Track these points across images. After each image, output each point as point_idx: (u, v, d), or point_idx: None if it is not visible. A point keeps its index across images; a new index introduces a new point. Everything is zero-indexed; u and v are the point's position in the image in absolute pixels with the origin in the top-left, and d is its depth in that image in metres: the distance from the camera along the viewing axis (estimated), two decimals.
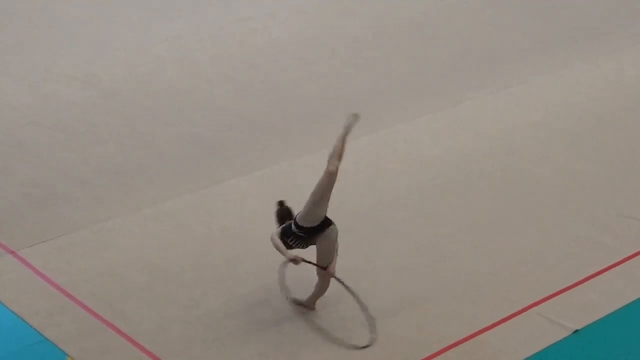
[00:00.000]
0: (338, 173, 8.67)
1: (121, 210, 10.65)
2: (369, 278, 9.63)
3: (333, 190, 8.89)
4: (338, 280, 8.83)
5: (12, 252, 9.88)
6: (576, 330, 8.92)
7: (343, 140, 8.72)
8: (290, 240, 8.83)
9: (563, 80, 13.80)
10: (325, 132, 12.06)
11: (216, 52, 14.23)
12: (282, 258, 8.88)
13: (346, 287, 8.86)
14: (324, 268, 8.82)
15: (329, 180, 8.67)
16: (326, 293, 9.09)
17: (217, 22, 15.32)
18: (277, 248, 8.73)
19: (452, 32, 15.34)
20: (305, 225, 8.75)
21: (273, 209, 9.14)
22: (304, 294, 9.20)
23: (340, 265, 9.03)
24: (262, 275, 9.62)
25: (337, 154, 8.69)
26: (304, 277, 9.20)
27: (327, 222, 8.85)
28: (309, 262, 8.81)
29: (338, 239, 8.93)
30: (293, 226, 8.82)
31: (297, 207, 8.91)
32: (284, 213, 9.10)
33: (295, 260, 8.69)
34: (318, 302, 9.15)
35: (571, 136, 12.36)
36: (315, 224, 8.75)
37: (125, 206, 10.73)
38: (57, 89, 13.15)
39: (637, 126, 12.63)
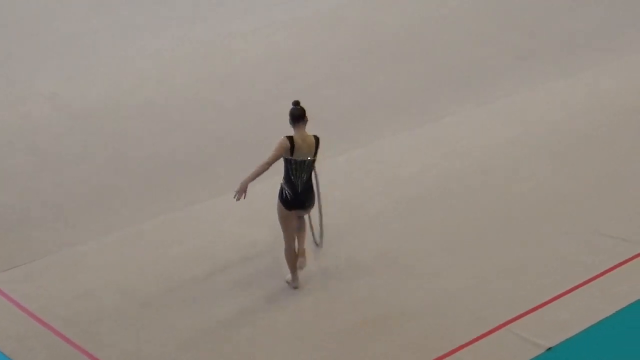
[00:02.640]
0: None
1: (95, 233, 10.60)
2: (345, 291, 9.62)
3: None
4: None
5: None
6: (549, 348, 8.87)
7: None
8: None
9: (542, 95, 13.79)
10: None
11: (192, 71, 14.21)
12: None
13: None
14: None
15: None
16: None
17: (193, 41, 15.29)
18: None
19: (430, 47, 15.33)
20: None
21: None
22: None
23: (317, 284, 8.95)
24: (237, 295, 9.59)
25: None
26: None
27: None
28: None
29: None
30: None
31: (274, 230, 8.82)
32: (298, 112, 9.52)
33: (239, 192, 9.31)
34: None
35: (550, 152, 12.32)
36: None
37: (99, 229, 10.69)
38: (32, 110, 13.13)
39: (615, 142, 12.58)
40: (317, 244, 10.15)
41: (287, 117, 9.64)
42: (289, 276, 9.80)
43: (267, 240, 10.53)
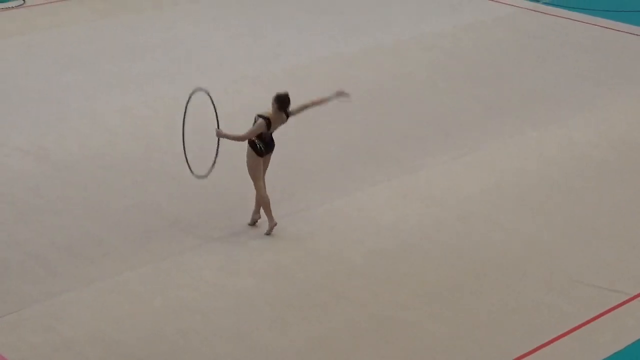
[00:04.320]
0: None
1: (76, 284, 10.59)
2: (323, 345, 9.65)
3: (288, 261, 10.47)
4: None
5: None
6: None
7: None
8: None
9: (514, 147, 14.01)
10: (278, 203, 12.14)
11: (169, 122, 14.28)
12: None
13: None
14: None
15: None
16: None
17: (170, 93, 15.38)
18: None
19: (404, 100, 15.55)
20: None
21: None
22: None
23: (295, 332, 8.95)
24: (217, 346, 9.60)
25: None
26: None
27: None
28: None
29: None
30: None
31: (256, 278, 8.88)
32: (287, 100, 11.48)
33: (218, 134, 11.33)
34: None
35: (524, 201, 12.50)
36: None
37: (80, 279, 10.67)
38: (9, 162, 13.11)
39: (588, 191, 12.81)
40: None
41: None
42: (267, 229, 11.48)
43: (249, 289, 10.58)
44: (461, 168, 13.33)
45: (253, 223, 11.74)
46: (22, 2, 19.55)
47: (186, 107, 11.56)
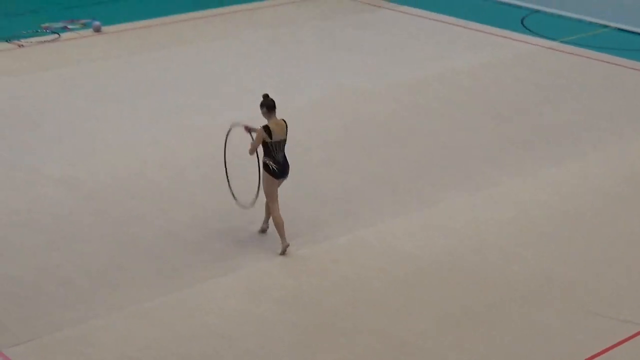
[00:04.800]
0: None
1: (104, 309, 10.90)
2: None
3: (310, 288, 10.81)
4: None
5: None
6: None
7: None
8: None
9: (533, 180, 14.25)
10: (301, 231, 12.47)
11: (196, 153, 14.66)
12: None
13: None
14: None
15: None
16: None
17: (197, 125, 15.83)
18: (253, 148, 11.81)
19: (424, 134, 15.86)
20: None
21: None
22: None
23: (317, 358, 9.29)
24: None
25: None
26: None
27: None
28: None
29: None
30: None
31: (280, 305, 9.11)
32: (273, 103, 11.92)
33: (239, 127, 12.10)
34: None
35: (541, 233, 12.74)
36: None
37: (108, 305, 10.99)
38: (43, 191, 13.52)
39: (604, 224, 13.05)
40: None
41: (284, 197, 11.33)
42: (281, 249, 11.98)
43: (272, 315, 10.86)
44: (480, 201, 13.60)
45: (263, 231, 12.46)
46: (58, 36, 20.06)
47: (226, 140, 12.43)
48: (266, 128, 11.79)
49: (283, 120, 11.98)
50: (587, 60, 19.57)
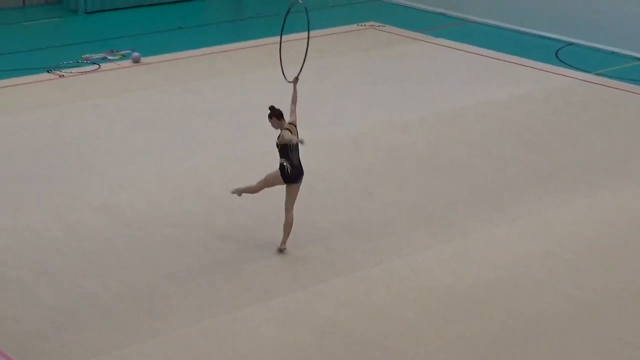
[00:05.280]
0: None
1: (140, 336, 11.04)
2: None
3: (344, 318, 10.99)
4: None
5: None
6: None
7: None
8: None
9: (567, 212, 14.30)
10: (336, 260, 12.59)
11: (234, 183, 14.76)
12: None
13: None
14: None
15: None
16: None
17: (235, 156, 16.02)
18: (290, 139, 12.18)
19: (458, 165, 15.94)
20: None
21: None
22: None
23: None
24: None
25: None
26: None
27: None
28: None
29: None
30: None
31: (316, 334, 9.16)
32: (280, 110, 12.39)
33: (301, 142, 12.08)
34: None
35: (575, 264, 12.79)
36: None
37: (144, 332, 11.13)
38: (81, 218, 13.73)
39: (636, 255, 13.09)
40: None
41: (323, 228, 12.23)
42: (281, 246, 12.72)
43: (306, 344, 10.95)
44: (514, 232, 13.65)
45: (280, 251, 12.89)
46: (97, 66, 20.39)
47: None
48: (290, 126, 12.38)
49: (291, 123, 12.52)
50: (621, 93, 19.61)
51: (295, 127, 12.51)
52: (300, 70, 12.89)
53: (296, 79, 12.81)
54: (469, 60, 21.70)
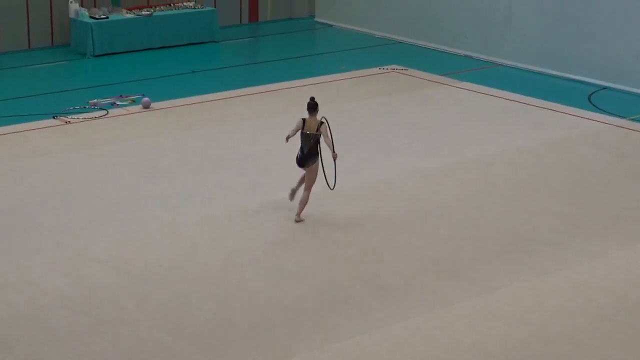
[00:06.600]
0: None
1: None
2: None
3: None
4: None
5: None
6: None
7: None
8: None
9: (601, 265, 13.67)
10: (355, 316, 11.95)
11: (248, 235, 14.26)
12: None
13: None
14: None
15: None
16: None
17: (250, 206, 15.42)
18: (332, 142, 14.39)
19: (486, 215, 15.33)
20: None
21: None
22: None
23: None
24: None
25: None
26: None
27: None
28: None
29: None
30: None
31: None
32: (311, 105, 14.37)
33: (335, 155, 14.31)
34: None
35: (611, 322, 12.13)
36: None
37: None
38: (89, 273, 13.12)
39: None
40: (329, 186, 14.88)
41: (343, 282, 11.81)
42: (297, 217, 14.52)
43: None
44: (544, 287, 13.00)
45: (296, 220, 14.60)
46: (105, 112, 19.93)
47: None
48: (303, 120, 14.42)
49: (322, 120, 14.33)
50: None
51: (321, 122, 14.31)
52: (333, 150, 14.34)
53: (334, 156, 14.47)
54: (496, 105, 21.17)
